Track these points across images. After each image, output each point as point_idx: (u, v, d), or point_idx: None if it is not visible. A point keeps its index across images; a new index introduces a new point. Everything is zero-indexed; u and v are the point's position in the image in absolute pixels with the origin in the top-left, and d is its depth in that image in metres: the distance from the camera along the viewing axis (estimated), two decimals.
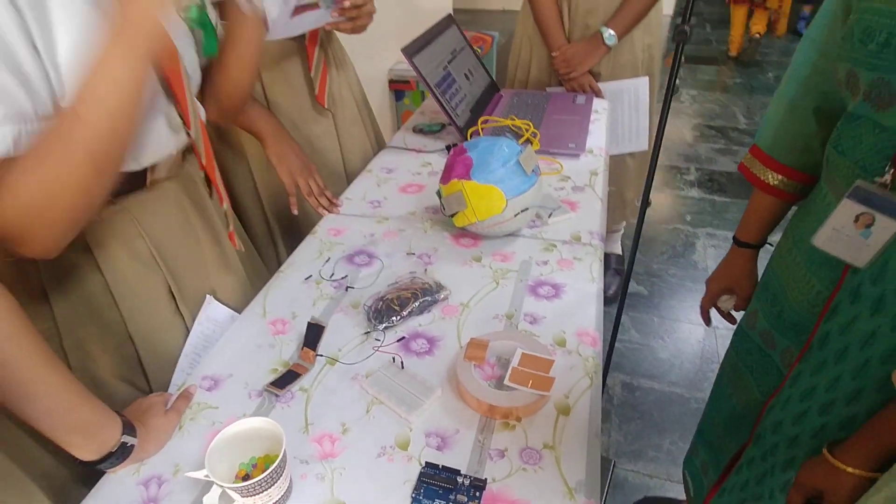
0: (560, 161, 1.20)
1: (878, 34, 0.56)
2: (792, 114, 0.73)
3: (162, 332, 0.72)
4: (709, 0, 6.30)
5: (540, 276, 0.87)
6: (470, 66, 1.46)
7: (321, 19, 1.03)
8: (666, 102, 0.80)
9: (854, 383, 0.62)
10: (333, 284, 0.87)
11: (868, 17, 0.57)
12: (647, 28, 1.59)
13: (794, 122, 0.73)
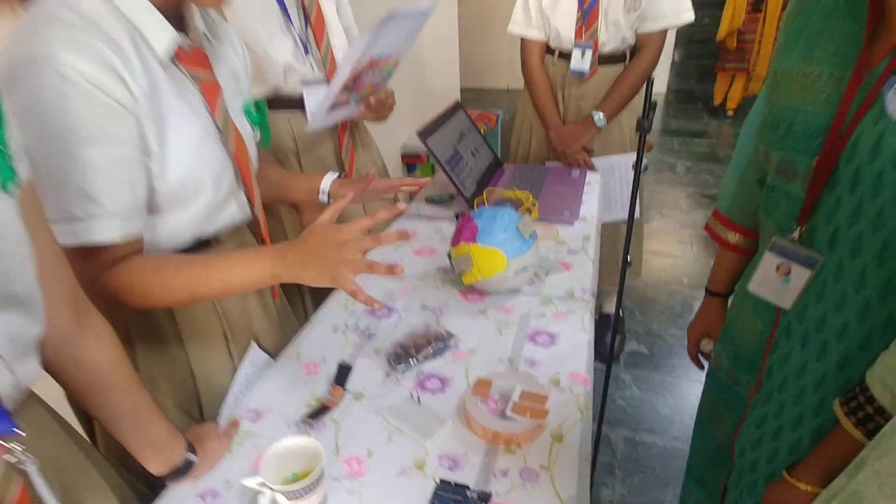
0: (557, 227, 1.35)
1: (783, 123, 0.70)
2: (742, 183, 0.88)
3: (216, 370, 0.85)
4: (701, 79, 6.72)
5: (538, 326, 1.00)
6: (476, 144, 1.65)
7: (351, 112, 1.22)
8: (635, 179, 0.96)
9: (795, 410, 0.73)
10: (358, 333, 1.00)
11: (776, 109, 0.72)
12: (633, 110, 1.79)
13: (745, 191, 0.88)
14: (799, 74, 0.69)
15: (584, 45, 1.68)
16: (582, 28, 1.67)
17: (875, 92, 0.60)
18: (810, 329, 0.70)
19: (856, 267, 0.64)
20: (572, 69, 1.72)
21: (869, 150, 0.60)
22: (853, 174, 0.62)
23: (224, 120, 0.77)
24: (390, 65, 1.24)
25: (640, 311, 2.43)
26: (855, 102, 0.62)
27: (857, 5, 0.64)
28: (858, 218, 0.63)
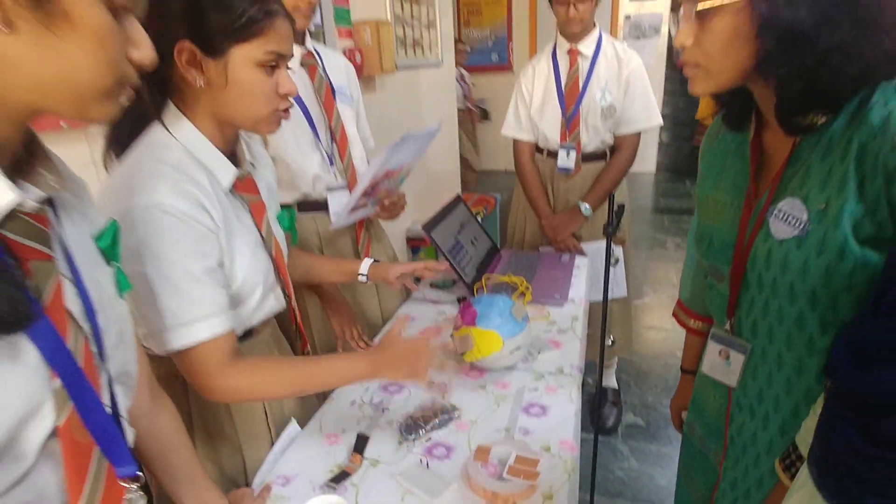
0: (548, 309, 1.51)
1: (706, 238, 0.88)
2: (695, 279, 1.05)
3: (258, 440, 0.98)
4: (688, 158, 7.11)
5: (531, 399, 1.13)
6: (475, 233, 1.85)
7: (368, 212, 1.43)
8: (606, 270, 1.13)
9: (756, 472, 0.87)
10: (373, 407, 1.13)
11: (702, 227, 0.91)
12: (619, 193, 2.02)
13: (698, 285, 1.05)
14: (712, 201, 0.88)
15: (569, 147, 1.93)
16: (566, 132, 1.93)
17: (762, 216, 0.76)
18: (753, 402, 0.85)
19: (774, 351, 0.79)
20: (559, 167, 1.96)
21: (764, 261, 0.76)
22: (757, 279, 0.78)
23: (267, 231, 0.96)
24: (402, 174, 1.47)
25: (635, 383, 2.54)
26: (750, 224, 0.79)
27: (743, 149, 0.82)
28: (767, 313, 0.78)
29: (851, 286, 0.67)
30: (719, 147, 0.89)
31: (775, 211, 0.74)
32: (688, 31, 0.71)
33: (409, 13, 2.92)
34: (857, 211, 0.65)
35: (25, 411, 0.47)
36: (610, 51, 1.92)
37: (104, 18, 0.46)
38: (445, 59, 3.54)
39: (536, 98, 1.97)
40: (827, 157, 0.68)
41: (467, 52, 5.67)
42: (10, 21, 0.41)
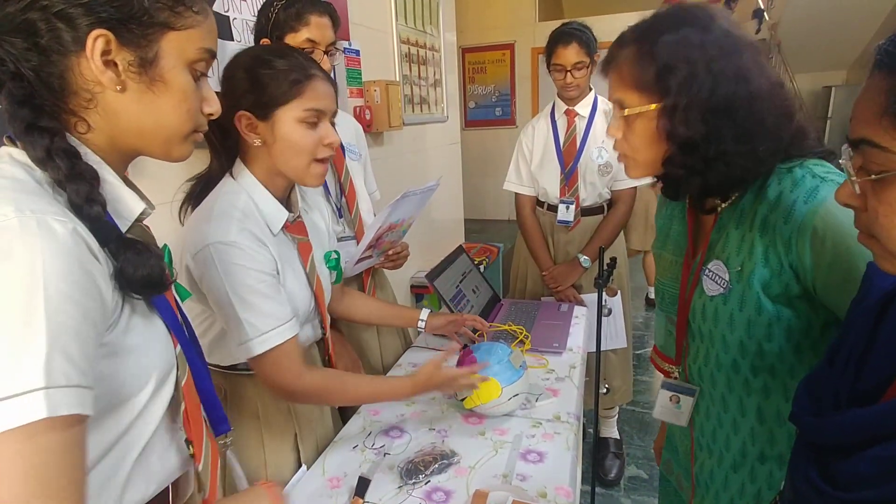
0: (546, 357, 1.55)
1: (660, 292, 0.99)
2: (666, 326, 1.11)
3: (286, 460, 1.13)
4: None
5: (529, 445, 1.16)
6: (476, 283, 1.91)
7: (373, 262, 1.50)
8: (598, 320, 1.18)
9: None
10: (374, 451, 1.16)
11: (658, 282, 1.01)
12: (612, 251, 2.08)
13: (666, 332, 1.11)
14: (662, 259, 1.00)
15: (568, 201, 2.02)
16: (565, 187, 2.02)
17: (697, 275, 0.87)
18: (709, 441, 0.93)
19: (718, 394, 0.88)
20: (559, 219, 2.04)
21: (700, 314, 0.86)
22: (698, 330, 0.88)
23: (311, 268, 1.10)
24: (404, 226, 1.55)
25: (638, 435, 2.52)
26: (689, 280, 0.89)
27: (683, 215, 0.95)
28: (708, 360, 0.88)
29: (771, 336, 0.78)
30: (667, 212, 1.02)
31: (706, 270, 0.85)
32: (617, 126, 0.83)
33: (417, 73, 3.09)
34: (764, 274, 0.76)
35: (169, 364, 0.63)
36: (606, 111, 2.04)
37: (188, 81, 0.62)
38: (451, 115, 3.70)
39: (536, 155, 2.07)
40: (740, 225, 0.80)
41: None
42: (123, 83, 0.57)
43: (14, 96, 0.55)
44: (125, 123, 0.59)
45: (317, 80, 0.98)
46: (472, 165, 6.20)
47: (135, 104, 0.58)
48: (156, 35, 0.58)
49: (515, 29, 6.22)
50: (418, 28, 3.08)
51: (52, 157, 0.54)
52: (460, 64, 6.28)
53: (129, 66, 0.57)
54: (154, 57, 0.58)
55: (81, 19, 0.54)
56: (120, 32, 0.55)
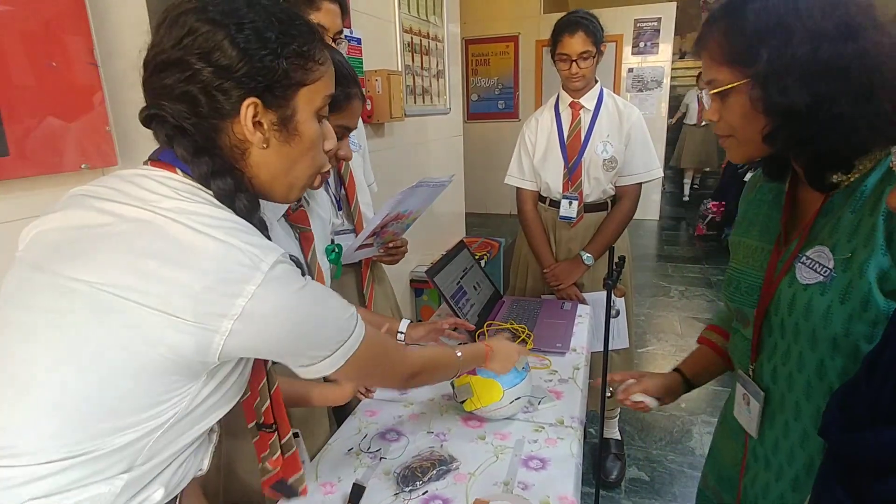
0: (549, 358, 1.51)
1: (734, 282, 0.90)
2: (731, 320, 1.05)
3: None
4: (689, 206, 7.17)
5: (531, 451, 1.12)
6: (478, 279, 1.86)
7: (373, 252, 1.46)
8: (607, 323, 1.13)
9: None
10: (370, 455, 1.12)
11: (731, 271, 0.92)
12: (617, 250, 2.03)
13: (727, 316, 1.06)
14: (743, 246, 0.91)
15: (571, 197, 1.96)
16: (568, 182, 1.96)
17: (789, 262, 0.79)
18: (769, 452, 0.84)
19: (792, 399, 0.79)
20: (561, 216, 1.98)
21: (787, 306, 0.77)
22: (780, 324, 0.79)
23: (312, 261, 1.06)
24: (410, 219, 1.50)
25: (639, 436, 2.48)
26: (777, 269, 0.81)
27: (779, 198, 0.87)
28: (788, 359, 0.79)
29: (873, 337, 0.68)
30: (757, 196, 0.93)
31: (802, 258, 0.76)
32: (713, 108, 0.78)
33: (420, 64, 3.03)
34: (883, 263, 0.67)
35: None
36: (611, 105, 1.97)
37: (317, 128, 0.68)
38: (453, 107, 3.64)
39: (539, 149, 2.01)
40: (858, 209, 0.72)
41: None
42: (267, 140, 0.64)
43: (188, 148, 0.61)
44: (265, 174, 0.66)
45: (355, 100, 1.00)
46: (474, 159, 6.13)
47: (275, 157, 0.65)
48: (292, 93, 0.64)
49: (520, 21, 6.14)
50: (421, 17, 3.02)
51: (236, 194, 0.62)
52: (463, 55, 6.21)
53: (273, 124, 0.63)
54: (292, 113, 0.64)
55: (235, 91, 0.60)
56: (265, 97, 0.61)
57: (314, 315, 0.65)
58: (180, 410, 0.62)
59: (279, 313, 0.60)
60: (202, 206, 0.60)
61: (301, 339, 0.64)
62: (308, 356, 0.67)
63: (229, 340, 0.58)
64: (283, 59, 0.61)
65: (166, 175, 0.62)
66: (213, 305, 0.56)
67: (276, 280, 0.59)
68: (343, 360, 0.69)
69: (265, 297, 0.58)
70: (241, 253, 0.57)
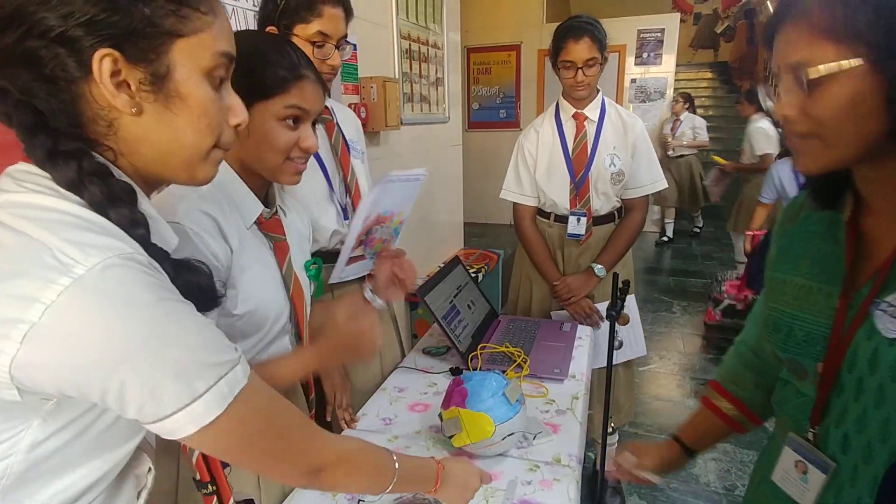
0: (546, 385, 1.41)
1: (784, 328, 0.74)
2: (738, 358, 0.94)
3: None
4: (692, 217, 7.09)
5: (524, 495, 1.02)
6: (472, 297, 1.76)
7: (366, 267, 1.40)
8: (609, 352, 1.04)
9: None
10: (347, 498, 1.02)
11: (776, 313, 0.75)
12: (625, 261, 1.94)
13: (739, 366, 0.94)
14: (791, 285, 0.75)
15: (579, 213, 1.84)
16: (576, 198, 1.85)
17: (864, 308, 0.65)
18: None
19: (869, 473, 0.65)
20: (570, 233, 1.87)
21: (867, 363, 0.64)
22: (856, 383, 0.65)
23: (288, 272, 0.98)
24: (395, 222, 1.42)
25: None
26: (848, 317, 0.67)
27: (834, 231, 0.71)
28: (866, 425, 0.65)
29: None
30: (800, 227, 0.77)
31: (881, 304, 0.63)
32: (792, 101, 0.60)
33: (417, 71, 2.95)
34: None
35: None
36: (614, 115, 1.87)
37: (208, 92, 0.55)
38: (452, 116, 3.56)
39: (542, 163, 1.90)
40: None
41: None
42: (138, 105, 0.51)
43: (24, 126, 0.51)
44: (147, 150, 0.54)
45: (306, 81, 0.89)
46: (474, 168, 6.06)
47: (154, 127, 0.53)
48: (164, 45, 0.52)
49: (522, 30, 6.08)
50: (420, 24, 2.94)
51: (84, 181, 0.50)
52: (465, 64, 6.15)
53: (142, 84, 0.51)
54: (166, 70, 0.52)
55: (83, 41, 0.48)
56: (125, 49, 0.50)
57: (151, 344, 0.48)
58: (14, 462, 0.50)
59: (88, 332, 0.45)
60: (39, 196, 0.49)
61: (119, 375, 0.47)
62: (136, 405, 0.49)
63: (18, 371, 0.45)
64: (144, 3, 0.50)
65: (20, 167, 0.52)
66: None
67: (95, 288, 0.45)
68: (193, 425, 0.51)
69: (70, 308, 0.44)
70: (47, 252, 0.45)
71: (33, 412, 0.50)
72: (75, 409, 0.52)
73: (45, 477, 0.53)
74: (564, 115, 1.89)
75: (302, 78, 0.89)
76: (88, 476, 0.56)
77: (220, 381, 0.52)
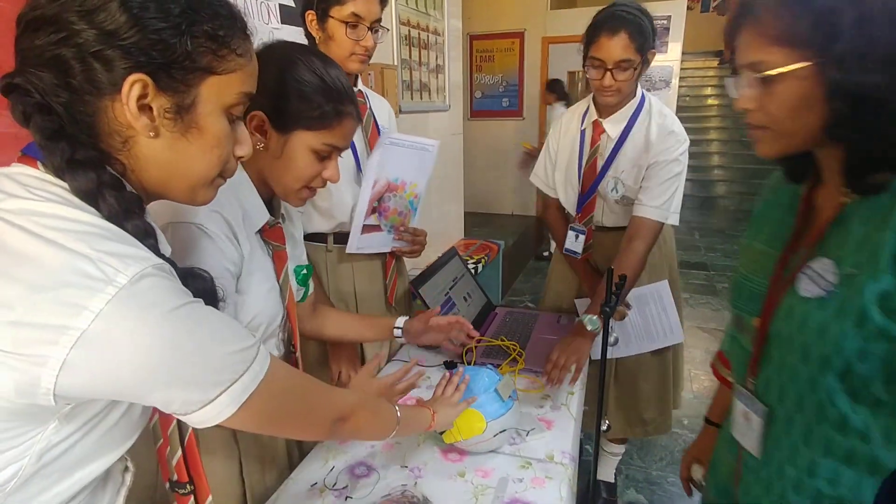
0: (542, 379, 1.38)
1: (738, 288, 0.85)
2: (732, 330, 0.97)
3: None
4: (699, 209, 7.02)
5: (515, 493, 0.99)
6: (469, 289, 1.73)
7: (385, 243, 1.44)
8: (603, 353, 1.01)
9: None
10: (335, 493, 1.00)
11: (737, 276, 0.87)
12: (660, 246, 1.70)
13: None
14: (752, 250, 0.85)
15: (578, 230, 1.68)
16: (580, 215, 1.68)
17: (795, 272, 0.73)
18: (760, 464, 0.80)
19: (784, 412, 0.75)
20: (566, 248, 1.72)
21: (784, 316, 0.73)
22: (777, 334, 0.75)
23: (285, 281, 0.98)
24: (409, 193, 1.43)
25: (638, 454, 2.36)
26: (784, 277, 0.75)
27: (794, 202, 0.80)
28: (781, 371, 0.75)
29: (865, 356, 0.65)
30: (772, 199, 0.87)
31: (806, 268, 0.71)
32: (750, 95, 0.68)
33: (417, 58, 2.90)
34: (886, 283, 0.62)
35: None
36: (643, 134, 1.55)
37: (224, 126, 0.58)
38: (453, 104, 3.51)
39: (561, 163, 1.71)
40: (868, 222, 0.66)
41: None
42: (157, 129, 0.53)
43: (43, 129, 0.50)
44: (155, 170, 0.56)
45: (347, 119, 0.91)
46: (476, 157, 6.01)
47: (166, 150, 0.55)
48: (196, 80, 0.54)
49: (526, 17, 5.98)
50: (420, 10, 2.89)
51: (102, 191, 0.51)
52: (467, 51, 6.07)
53: (165, 112, 0.53)
54: (192, 103, 0.54)
55: (119, 62, 0.50)
56: (159, 77, 0.51)
57: (190, 343, 0.52)
58: (25, 465, 0.50)
59: (136, 339, 0.48)
60: (55, 205, 0.49)
61: (168, 373, 0.51)
62: (182, 399, 0.53)
63: (64, 377, 0.46)
64: (187, 38, 0.52)
65: (23, 170, 0.52)
66: (41, 330, 0.45)
67: (137, 296, 0.48)
68: (235, 405, 0.56)
69: (117, 316, 0.46)
70: (89, 263, 0.46)
71: (51, 415, 0.50)
72: (89, 412, 0.54)
73: (50, 479, 0.53)
74: (588, 117, 1.64)
75: (344, 116, 0.89)
76: (86, 477, 0.56)
77: (253, 363, 0.57)
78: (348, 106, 0.90)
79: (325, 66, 0.89)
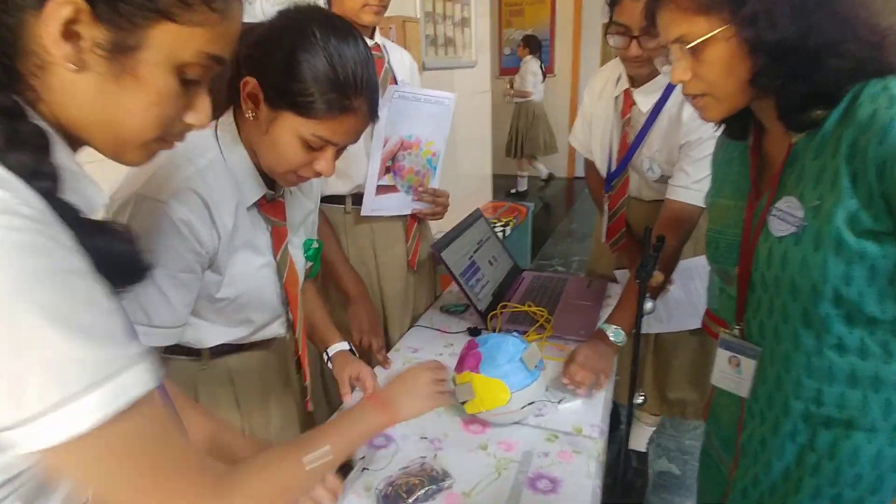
0: (571, 347, 1.30)
1: (713, 243, 0.89)
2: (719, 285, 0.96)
3: None
4: None
5: (540, 468, 0.94)
6: (494, 252, 1.66)
7: (404, 205, 1.38)
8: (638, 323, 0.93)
9: (767, 479, 0.84)
10: (354, 461, 0.96)
11: (709, 233, 0.91)
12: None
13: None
14: (719, 207, 0.91)
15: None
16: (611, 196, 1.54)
17: (763, 217, 0.78)
18: (764, 407, 0.84)
19: (781, 352, 0.79)
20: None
21: (765, 260, 0.77)
22: (761, 278, 0.79)
23: (283, 257, 0.92)
24: (425, 151, 1.36)
25: (671, 423, 2.28)
26: (753, 224, 0.81)
27: (744, 156, 0.87)
28: (772, 312, 0.79)
29: (850, 278, 0.69)
30: (724, 156, 0.94)
31: (774, 210, 0.76)
32: (683, 66, 0.74)
33: (442, 11, 2.76)
34: (851, 206, 0.67)
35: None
36: (674, 112, 1.36)
37: (170, 84, 0.49)
38: (480, 60, 3.36)
39: (596, 127, 1.56)
40: (819, 155, 0.72)
41: None
42: (83, 62, 0.44)
43: None
44: (73, 109, 0.46)
45: (350, 116, 0.79)
46: (505, 117, 5.81)
47: (91, 90, 0.46)
48: (147, 21, 0.45)
49: None
50: None
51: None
52: (496, 5, 5.81)
53: (97, 46, 0.44)
54: (134, 45, 0.45)
55: None
56: (98, 4, 0.43)
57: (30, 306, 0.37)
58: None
59: None
60: None
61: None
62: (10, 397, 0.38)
63: None
64: None
65: None
66: None
67: None
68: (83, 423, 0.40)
69: None
70: None
71: None
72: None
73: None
74: (619, 86, 1.46)
75: (345, 111, 0.78)
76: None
77: (110, 379, 0.41)
78: (355, 101, 0.78)
79: (340, 49, 0.77)
